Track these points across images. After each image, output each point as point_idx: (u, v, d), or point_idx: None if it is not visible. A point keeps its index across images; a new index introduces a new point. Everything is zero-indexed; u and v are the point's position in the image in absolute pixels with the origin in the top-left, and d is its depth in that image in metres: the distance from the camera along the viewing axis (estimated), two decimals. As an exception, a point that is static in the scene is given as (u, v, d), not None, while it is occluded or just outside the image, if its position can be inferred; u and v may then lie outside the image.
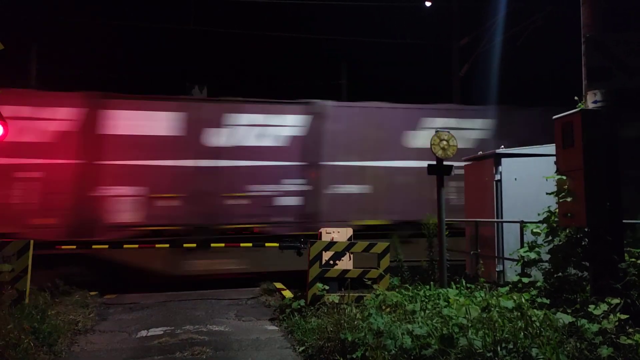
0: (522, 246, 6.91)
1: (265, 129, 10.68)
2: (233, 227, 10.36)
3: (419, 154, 10.86)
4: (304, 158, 10.79)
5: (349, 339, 4.80)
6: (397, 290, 6.79)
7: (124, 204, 9.80)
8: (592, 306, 4.81)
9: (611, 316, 4.52)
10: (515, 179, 8.19)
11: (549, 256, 6.16)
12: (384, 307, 5.93)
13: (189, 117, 10.33)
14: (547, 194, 5.96)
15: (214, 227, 10.21)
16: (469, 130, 11.54)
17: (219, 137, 10.45)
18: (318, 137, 10.88)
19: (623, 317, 4.49)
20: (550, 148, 6.15)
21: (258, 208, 10.38)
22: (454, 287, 6.82)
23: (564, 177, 5.60)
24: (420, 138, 11.11)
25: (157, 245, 9.76)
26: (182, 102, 10.57)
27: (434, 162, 7.45)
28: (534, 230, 6.55)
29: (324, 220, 10.31)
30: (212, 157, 10.36)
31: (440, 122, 11.21)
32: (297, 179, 10.69)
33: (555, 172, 5.76)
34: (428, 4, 15.85)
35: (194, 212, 10.08)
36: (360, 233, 9.56)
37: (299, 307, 6.81)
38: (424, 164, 7.65)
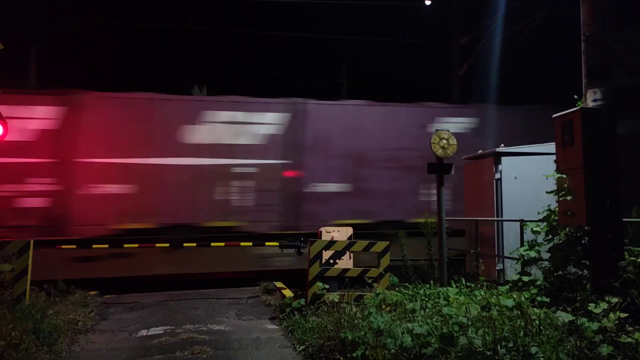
0: (522, 245, 6.91)
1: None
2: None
3: (197, 150, 10.36)
4: (54, 154, 9.84)
5: (349, 337, 4.80)
6: (397, 289, 6.80)
7: None
8: (592, 305, 4.82)
9: (611, 315, 4.53)
10: (516, 178, 8.19)
11: (549, 255, 6.16)
12: (384, 306, 5.93)
13: None
14: (547, 192, 5.96)
15: None
16: (257, 124, 10.91)
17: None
18: (73, 132, 9.95)
19: (623, 315, 4.50)
20: (551, 147, 6.14)
21: None
22: (454, 285, 6.82)
23: (564, 176, 5.60)
24: (200, 133, 10.49)
25: (157, 245, 9.77)
26: None
27: (434, 162, 7.46)
28: (534, 228, 6.55)
29: (76, 224, 9.69)
30: None
31: (225, 115, 10.64)
32: (45, 177, 9.74)
33: (555, 170, 5.76)
34: (428, 2, 15.84)
35: None
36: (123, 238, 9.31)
37: (299, 306, 6.81)
38: (203, 161, 7.20)
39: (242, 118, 10.79)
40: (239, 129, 10.72)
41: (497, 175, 8.33)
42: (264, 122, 10.89)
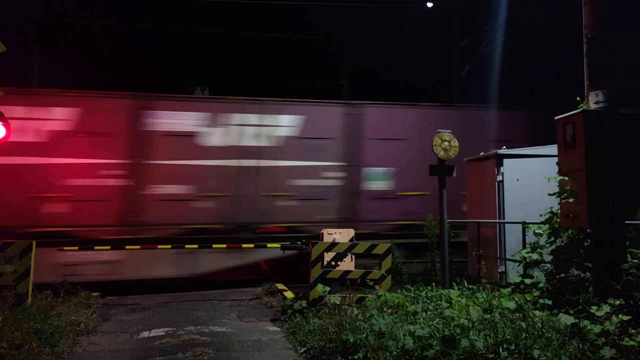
0: (524, 247, 6.91)
1: None
2: None
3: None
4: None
5: (351, 340, 4.80)
6: (398, 291, 6.79)
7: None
8: (594, 307, 4.81)
9: (613, 317, 4.52)
10: (518, 180, 8.19)
11: (551, 257, 6.15)
12: (385, 308, 5.93)
13: None
14: (549, 194, 5.95)
15: None
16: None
17: None
18: None
19: (625, 318, 4.49)
20: (553, 149, 6.14)
21: None
22: (455, 288, 6.82)
23: (566, 178, 5.59)
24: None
25: (159, 247, 9.77)
26: None
27: (436, 163, 7.46)
28: (536, 231, 6.54)
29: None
30: None
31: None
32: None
33: (557, 172, 5.76)
34: (429, 4, 15.86)
35: None
36: None
37: (300, 308, 6.81)
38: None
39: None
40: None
41: (499, 178, 8.33)
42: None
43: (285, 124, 10.74)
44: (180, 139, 10.21)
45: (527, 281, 6.32)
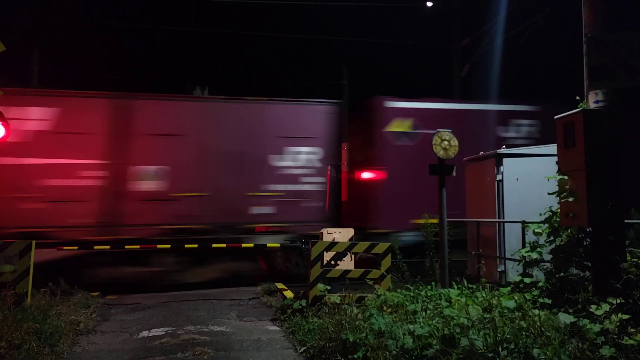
0: (523, 246, 6.91)
1: None
2: None
3: None
4: None
5: (350, 339, 4.80)
6: (398, 290, 6.80)
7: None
8: (593, 306, 4.81)
9: (613, 316, 4.51)
10: (517, 179, 8.19)
11: (550, 256, 6.15)
12: (385, 308, 5.93)
13: None
14: (548, 194, 5.95)
15: None
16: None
17: None
18: None
19: (625, 317, 4.49)
20: (552, 148, 6.14)
21: None
22: (455, 287, 6.82)
23: (566, 177, 5.59)
24: None
25: (158, 246, 9.76)
26: None
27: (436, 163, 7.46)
28: (536, 230, 6.54)
29: None
30: None
31: None
32: None
33: (557, 172, 5.76)
34: (429, 4, 15.86)
35: None
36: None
37: (300, 307, 6.81)
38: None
39: None
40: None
41: (499, 177, 8.33)
42: None
43: (33, 117, 9.59)
44: None
45: (527, 280, 6.32)
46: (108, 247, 9.61)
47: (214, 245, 9.96)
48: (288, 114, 10.76)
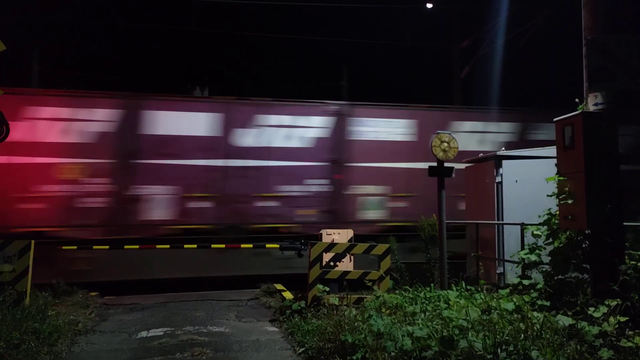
0: (522, 248, 6.91)
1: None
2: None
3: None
4: None
5: (349, 340, 4.80)
6: (397, 291, 6.80)
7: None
8: (592, 309, 4.81)
9: (611, 318, 4.52)
10: (516, 181, 8.19)
11: (549, 258, 6.15)
12: (384, 309, 5.93)
13: None
14: (547, 196, 5.96)
15: None
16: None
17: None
18: None
19: (623, 319, 4.49)
20: (552, 150, 6.15)
21: None
22: (454, 289, 6.82)
23: (565, 179, 5.59)
24: None
25: (157, 246, 9.76)
26: None
27: (435, 164, 7.46)
28: (535, 232, 6.54)
29: None
30: None
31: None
32: None
33: (556, 174, 5.76)
34: (429, 6, 15.88)
35: None
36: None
37: (299, 308, 6.81)
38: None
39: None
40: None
41: (498, 179, 8.33)
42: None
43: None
44: None
45: (526, 282, 6.32)
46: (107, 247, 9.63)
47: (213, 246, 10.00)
48: None
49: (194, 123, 10.32)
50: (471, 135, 11.42)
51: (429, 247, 8.61)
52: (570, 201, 5.45)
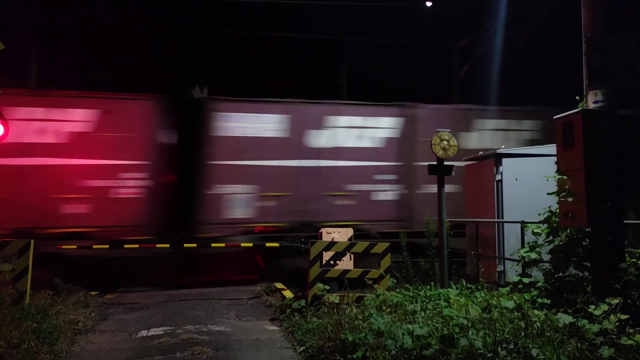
0: (522, 246, 6.91)
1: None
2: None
3: None
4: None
5: (350, 339, 4.80)
6: (397, 290, 6.79)
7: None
8: (592, 307, 4.81)
9: (612, 316, 4.52)
10: (516, 179, 8.19)
11: (549, 256, 6.15)
12: (384, 308, 5.93)
13: None
14: (547, 194, 5.96)
15: None
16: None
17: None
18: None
19: (623, 317, 4.49)
20: (552, 148, 6.15)
21: None
22: (454, 287, 6.82)
23: (565, 177, 5.59)
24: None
25: (157, 246, 9.75)
26: None
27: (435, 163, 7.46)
28: (535, 230, 6.55)
29: None
30: None
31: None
32: None
33: (556, 172, 5.76)
34: (429, 4, 15.87)
35: None
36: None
37: (299, 307, 6.81)
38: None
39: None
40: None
41: (498, 177, 8.33)
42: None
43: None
44: None
45: (526, 280, 6.32)
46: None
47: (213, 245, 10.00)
48: None
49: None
50: (349, 131, 10.95)
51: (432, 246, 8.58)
52: (570, 199, 5.45)
